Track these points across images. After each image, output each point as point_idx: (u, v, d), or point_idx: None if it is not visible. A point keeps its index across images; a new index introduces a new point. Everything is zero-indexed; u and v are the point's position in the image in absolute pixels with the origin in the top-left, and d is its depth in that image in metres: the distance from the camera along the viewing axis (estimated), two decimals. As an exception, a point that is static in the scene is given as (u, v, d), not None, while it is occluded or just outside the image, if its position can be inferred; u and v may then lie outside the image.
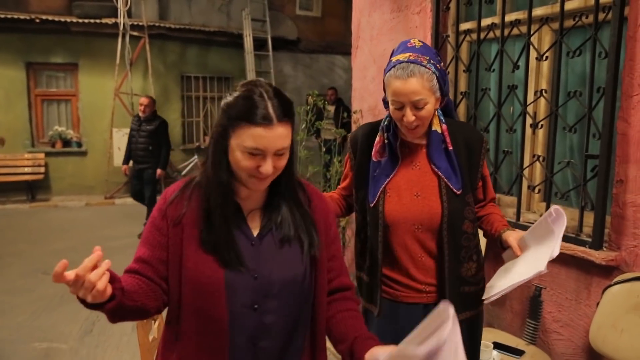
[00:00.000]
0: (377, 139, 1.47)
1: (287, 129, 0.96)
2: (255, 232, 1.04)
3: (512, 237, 1.35)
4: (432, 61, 1.34)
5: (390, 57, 1.40)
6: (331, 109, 7.63)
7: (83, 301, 0.87)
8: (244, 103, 0.94)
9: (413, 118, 1.33)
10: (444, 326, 0.85)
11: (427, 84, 1.32)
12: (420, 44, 1.38)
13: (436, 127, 1.42)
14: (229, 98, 0.97)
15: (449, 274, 1.42)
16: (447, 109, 1.49)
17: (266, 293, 1.01)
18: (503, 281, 1.31)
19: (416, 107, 1.33)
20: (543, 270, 1.16)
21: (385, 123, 1.47)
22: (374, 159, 1.46)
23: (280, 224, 1.04)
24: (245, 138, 0.93)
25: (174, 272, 1.01)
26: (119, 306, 0.91)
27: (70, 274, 0.81)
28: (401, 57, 1.34)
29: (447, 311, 0.84)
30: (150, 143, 5.19)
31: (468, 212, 1.44)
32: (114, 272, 0.91)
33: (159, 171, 5.29)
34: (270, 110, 0.93)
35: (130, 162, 5.38)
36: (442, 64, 1.39)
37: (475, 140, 1.46)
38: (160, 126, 5.27)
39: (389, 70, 1.35)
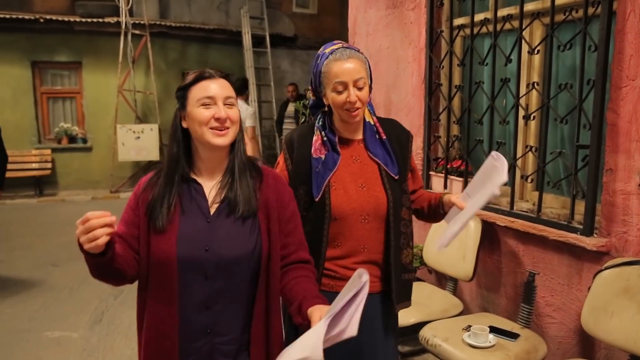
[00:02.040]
0: (315, 137, 1.49)
1: (228, 84, 1.17)
2: (212, 209, 1.16)
3: (452, 196, 1.41)
4: (361, 53, 1.44)
5: (317, 59, 1.48)
6: (292, 107, 6.84)
7: (83, 249, 1.01)
8: (192, 76, 1.17)
9: (355, 98, 1.39)
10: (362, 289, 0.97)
11: (364, 66, 1.42)
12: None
13: (369, 118, 1.51)
14: (180, 85, 1.18)
15: (394, 260, 1.46)
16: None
17: (216, 264, 1.12)
18: (453, 228, 1.34)
19: (357, 87, 1.39)
20: (496, 193, 1.22)
21: (320, 123, 1.51)
22: (314, 155, 1.47)
23: (232, 199, 1.15)
24: (197, 93, 1.13)
25: (143, 249, 1.14)
26: (106, 264, 1.05)
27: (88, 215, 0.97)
28: (334, 46, 1.43)
29: (362, 277, 0.96)
30: None
31: (405, 199, 1.50)
32: (115, 236, 1.06)
33: None
34: (212, 71, 1.16)
35: None
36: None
37: (404, 134, 1.56)
38: None
39: (326, 58, 1.42)
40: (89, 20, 7.68)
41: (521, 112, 2.23)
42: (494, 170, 1.28)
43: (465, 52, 2.54)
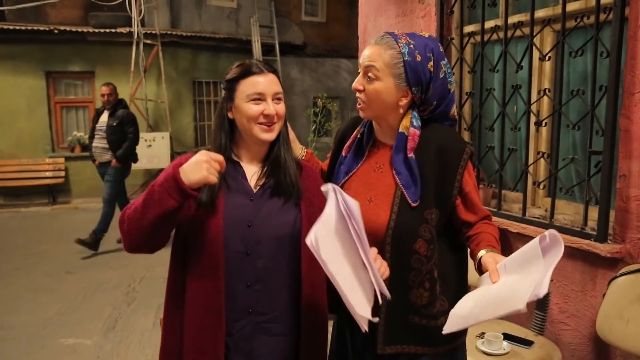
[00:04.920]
0: (355, 132, 1.34)
1: (276, 78, 1.20)
2: (255, 190, 1.21)
3: (490, 261, 1.11)
4: (412, 46, 1.20)
5: None
6: (106, 116, 4.97)
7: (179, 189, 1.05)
8: (239, 68, 1.19)
9: (360, 86, 1.23)
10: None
11: (387, 59, 1.20)
12: (425, 34, 1.27)
13: (403, 129, 1.25)
14: (227, 76, 1.21)
15: (396, 296, 1.18)
16: (441, 119, 1.30)
17: (257, 241, 1.16)
18: (469, 312, 1.06)
19: (367, 74, 1.22)
20: (522, 309, 0.92)
21: None
22: (342, 153, 1.35)
23: (273, 183, 1.20)
24: (247, 88, 1.16)
25: (183, 222, 1.16)
26: (177, 211, 1.07)
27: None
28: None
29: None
30: None
31: (424, 230, 1.21)
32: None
33: None
34: (260, 65, 1.19)
35: None
36: (430, 63, 1.22)
37: (453, 149, 1.24)
38: None
39: None
40: (102, 30, 7.82)
41: (532, 119, 2.23)
42: (536, 264, 0.98)
43: (475, 59, 2.55)
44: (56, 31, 7.52)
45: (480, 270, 1.16)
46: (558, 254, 0.96)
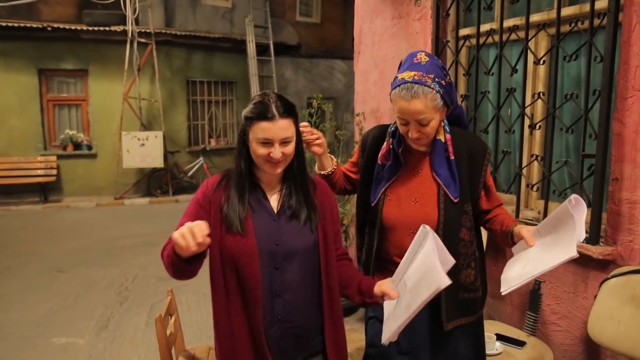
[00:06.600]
0: (385, 143, 1.53)
1: (289, 122, 1.26)
2: (275, 210, 1.34)
3: (524, 229, 1.37)
4: (437, 79, 1.37)
5: (398, 69, 1.45)
6: None
7: (177, 258, 1.17)
8: (255, 107, 1.26)
9: (417, 135, 1.40)
10: (425, 244, 1.11)
11: (431, 104, 1.36)
12: (427, 59, 1.41)
13: (440, 136, 1.47)
14: (247, 107, 1.29)
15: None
16: (454, 116, 1.53)
17: (285, 256, 1.30)
18: (520, 271, 1.28)
19: (420, 124, 1.38)
20: (574, 255, 1.13)
21: (392, 129, 1.52)
22: (379, 162, 1.53)
23: (293, 205, 1.34)
24: (257, 131, 1.24)
25: (214, 245, 1.27)
26: (198, 264, 1.22)
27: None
28: (406, 75, 1.38)
29: (425, 231, 1.09)
30: None
31: (465, 220, 1.48)
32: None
33: None
34: (274, 109, 1.24)
35: None
36: (448, 77, 1.42)
37: (479, 151, 1.50)
38: None
39: (394, 88, 1.39)
40: (96, 28, 7.79)
41: (527, 122, 2.25)
42: (569, 221, 1.18)
43: (470, 62, 2.57)
44: (49, 28, 7.47)
45: (513, 240, 1.41)
46: (583, 210, 1.19)
